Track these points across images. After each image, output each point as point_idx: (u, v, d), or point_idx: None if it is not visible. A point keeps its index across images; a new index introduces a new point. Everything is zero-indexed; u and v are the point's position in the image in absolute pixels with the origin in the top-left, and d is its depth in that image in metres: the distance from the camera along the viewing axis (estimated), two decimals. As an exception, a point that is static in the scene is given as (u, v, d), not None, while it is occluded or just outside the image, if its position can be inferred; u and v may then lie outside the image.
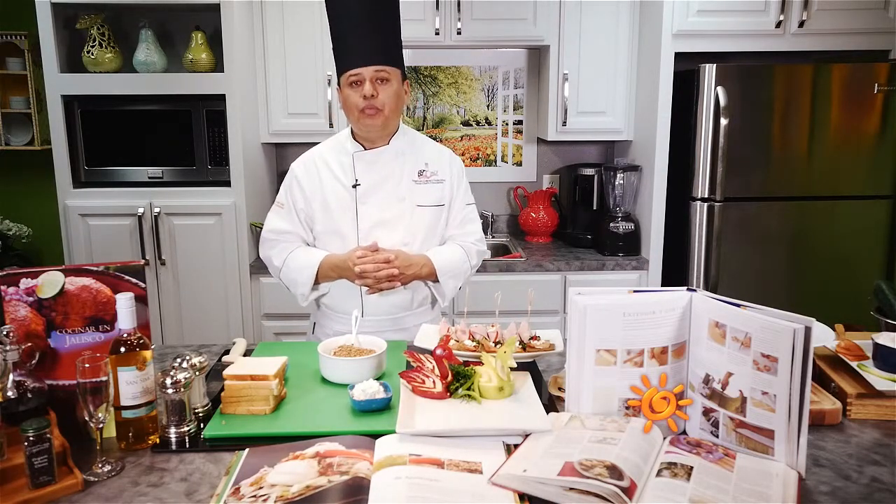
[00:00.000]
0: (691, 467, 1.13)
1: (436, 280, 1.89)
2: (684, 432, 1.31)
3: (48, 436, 1.11)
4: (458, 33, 3.04)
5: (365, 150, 1.87)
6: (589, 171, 3.33)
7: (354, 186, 1.86)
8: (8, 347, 1.20)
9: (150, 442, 1.28)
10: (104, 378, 1.17)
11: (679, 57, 2.87)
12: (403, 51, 1.86)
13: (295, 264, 1.87)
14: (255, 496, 1.07)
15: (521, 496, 1.08)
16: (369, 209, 1.86)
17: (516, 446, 1.22)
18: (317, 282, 1.88)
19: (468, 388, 1.40)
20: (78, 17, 2.87)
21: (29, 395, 1.22)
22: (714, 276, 2.90)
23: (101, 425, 1.18)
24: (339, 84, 1.83)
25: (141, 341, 1.27)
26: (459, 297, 2.95)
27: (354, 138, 1.89)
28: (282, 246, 1.92)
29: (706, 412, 1.27)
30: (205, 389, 1.42)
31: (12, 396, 1.20)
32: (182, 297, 2.93)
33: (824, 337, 1.60)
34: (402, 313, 1.93)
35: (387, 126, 1.83)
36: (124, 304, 1.25)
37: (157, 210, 2.85)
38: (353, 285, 1.87)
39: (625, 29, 3.08)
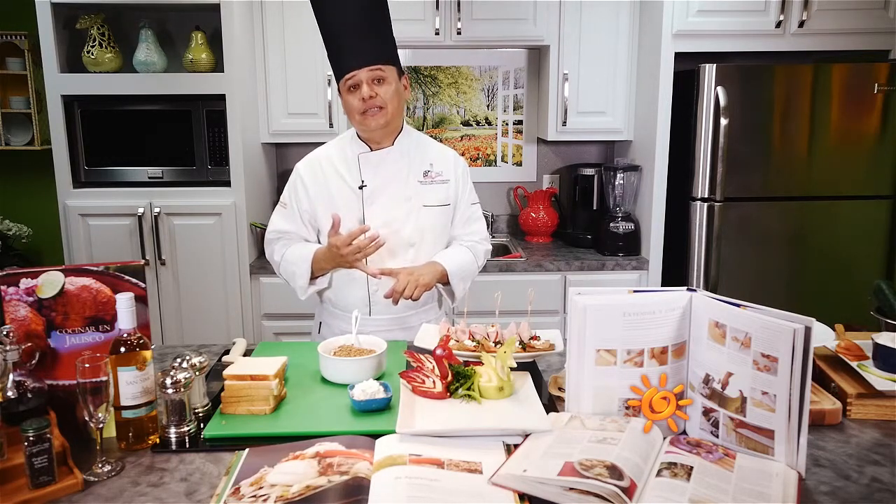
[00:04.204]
0: (691, 467, 1.13)
1: (446, 283, 1.90)
2: (684, 432, 1.31)
3: (48, 436, 1.11)
4: (458, 33, 3.04)
5: (370, 150, 1.87)
6: (589, 171, 3.33)
7: (361, 187, 1.87)
8: (8, 347, 1.20)
9: (150, 442, 1.28)
10: (104, 378, 1.17)
11: (679, 57, 2.87)
12: (402, 51, 1.86)
13: (292, 257, 1.89)
14: (255, 496, 1.07)
15: (521, 496, 1.08)
16: (376, 210, 1.87)
17: (516, 446, 1.22)
18: (315, 276, 1.88)
19: (468, 388, 1.40)
20: (78, 17, 2.87)
21: (29, 395, 1.22)
22: (714, 276, 2.90)
23: (101, 425, 1.18)
24: (339, 90, 1.83)
25: (141, 341, 1.27)
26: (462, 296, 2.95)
27: (360, 139, 1.89)
28: (282, 242, 1.94)
29: (706, 412, 1.27)
30: (205, 389, 1.42)
31: (12, 396, 1.20)
32: (182, 297, 2.93)
33: (824, 337, 1.60)
34: (409, 312, 1.94)
35: (390, 124, 1.83)
36: (124, 304, 1.25)
37: (157, 210, 2.85)
38: (360, 284, 1.88)
39: (625, 29, 3.08)
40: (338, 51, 1.78)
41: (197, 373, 1.36)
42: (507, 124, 3.54)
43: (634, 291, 1.32)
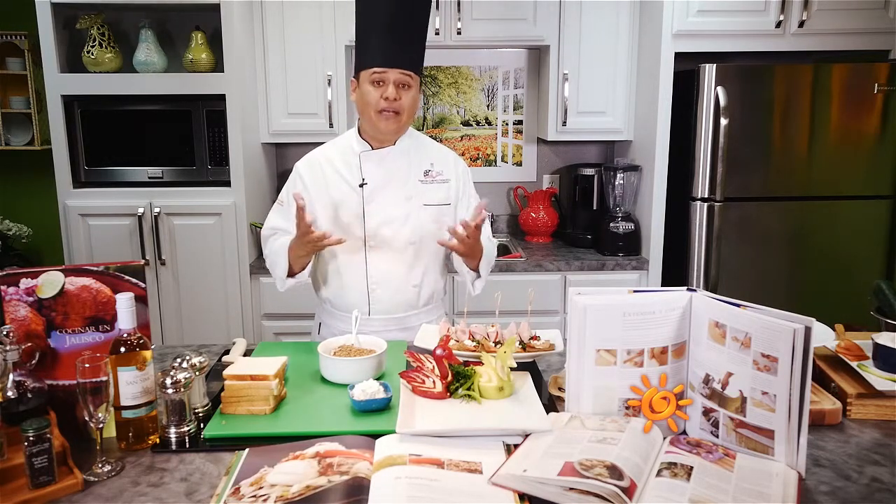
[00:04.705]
0: (691, 467, 1.13)
1: (475, 268, 1.91)
2: (684, 432, 1.31)
3: (48, 436, 1.11)
4: (458, 33, 3.04)
5: (372, 149, 1.88)
6: (589, 171, 3.33)
7: (361, 186, 1.87)
8: (8, 347, 1.20)
9: (150, 442, 1.28)
10: (104, 378, 1.17)
11: (679, 57, 2.87)
12: None
13: (274, 249, 1.90)
14: (255, 496, 1.07)
15: (521, 496, 1.08)
16: (376, 208, 1.87)
17: (516, 446, 1.22)
18: (296, 270, 1.87)
19: (468, 388, 1.40)
20: (78, 17, 2.87)
21: (29, 395, 1.22)
22: (714, 276, 2.89)
23: (101, 425, 1.18)
24: (355, 78, 1.83)
25: (141, 341, 1.27)
26: (460, 297, 2.95)
27: (361, 136, 1.89)
28: (273, 238, 1.94)
29: (706, 412, 1.27)
30: (205, 389, 1.42)
31: (12, 396, 1.20)
32: (182, 297, 2.93)
33: (824, 337, 1.60)
34: (409, 312, 1.94)
35: (400, 130, 1.85)
36: (124, 304, 1.25)
37: (157, 210, 2.85)
38: (360, 284, 1.89)
39: (625, 29, 3.08)
40: (374, 43, 1.77)
41: (197, 373, 1.36)
42: (507, 124, 3.54)
43: (634, 291, 1.32)
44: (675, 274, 3.00)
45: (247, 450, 1.23)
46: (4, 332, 1.21)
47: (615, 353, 1.29)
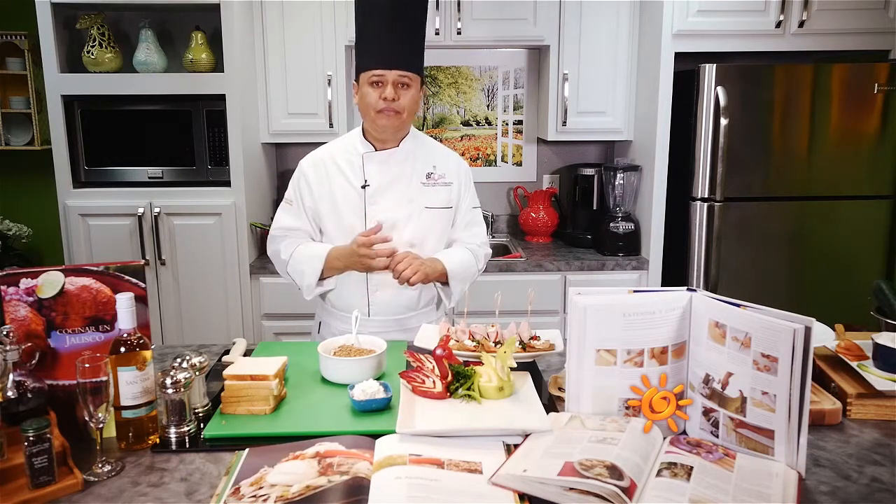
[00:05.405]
0: (691, 467, 1.13)
1: (445, 282, 1.90)
2: (684, 432, 1.31)
3: (48, 436, 1.11)
4: (458, 33, 3.04)
5: (375, 150, 1.88)
6: (589, 171, 3.33)
7: (364, 187, 1.87)
8: (8, 347, 1.20)
9: (150, 442, 1.28)
10: (104, 378, 1.17)
11: (679, 57, 2.87)
12: None
13: (302, 256, 1.89)
14: (255, 496, 1.07)
15: (521, 496, 1.08)
16: (378, 210, 1.87)
17: (516, 446, 1.22)
18: (324, 276, 1.88)
19: (468, 388, 1.40)
20: (78, 17, 2.87)
21: (29, 395, 1.22)
22: (714, 276, 2.89)
23: (101, 425, 1.18)
24: (356, 80, 1.83)
25: (141, 341, 1.27)
26: (460, 298, 2.95)
27: (365, 138, 1.89)
28: (290, 240, 1.93)
29: (706, 412, 1.27)
30: (205, 389, 1.42)
31: (12, 396, 1.20)
32: (182, 297, 2.93)
33: (824, 337, 1.60)
34: (408, 313, 1.94)
35: (402, 129, 1.85)
36: (124, 304, 1.25)
37: (157, 210, 2.85)
38: (360, 285, 1.88)
39: (625, 29, 3.08)
40: (372, 46, 1.78)
41: (197, 373, 1.37)
42: (507, 124, 3.54)
43: (634, 291, 1.32)
44: (675, 274, 3.00)
45: (247, 450, 1.23)
46: (4, 332, 1.21)
47: (615, 353, 1.29)
